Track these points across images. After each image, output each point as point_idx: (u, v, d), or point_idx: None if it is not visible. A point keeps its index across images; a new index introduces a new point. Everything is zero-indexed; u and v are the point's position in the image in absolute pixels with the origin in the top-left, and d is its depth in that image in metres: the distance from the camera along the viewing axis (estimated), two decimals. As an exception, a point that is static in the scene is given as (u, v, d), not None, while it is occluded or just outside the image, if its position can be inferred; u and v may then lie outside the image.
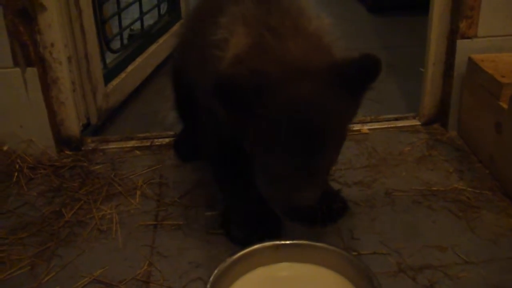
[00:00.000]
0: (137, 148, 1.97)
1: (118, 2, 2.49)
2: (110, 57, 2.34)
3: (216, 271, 1.24)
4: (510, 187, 1.63)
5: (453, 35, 1.89)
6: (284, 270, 1.32)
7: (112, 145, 1.99)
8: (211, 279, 1.22)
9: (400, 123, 2.07)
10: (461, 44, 1.87)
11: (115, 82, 2.24)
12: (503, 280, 1.33)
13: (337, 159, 1.32)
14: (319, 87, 1.20)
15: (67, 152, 1.93)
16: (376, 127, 2.05)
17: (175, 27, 2.76)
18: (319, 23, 1.35)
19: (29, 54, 1.77)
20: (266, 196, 1.32)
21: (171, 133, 2.01)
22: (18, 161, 1.85)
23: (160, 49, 2.61)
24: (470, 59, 1.85)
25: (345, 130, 1.30)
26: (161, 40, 2.65)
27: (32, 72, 1.79)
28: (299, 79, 1.19)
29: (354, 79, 1.21)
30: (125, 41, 2.52)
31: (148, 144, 1.99)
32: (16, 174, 1.80)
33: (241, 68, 1.23)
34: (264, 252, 1.32)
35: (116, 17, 2.45)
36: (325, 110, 1.20)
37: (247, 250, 1.31)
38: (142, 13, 2.61)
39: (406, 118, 2.10)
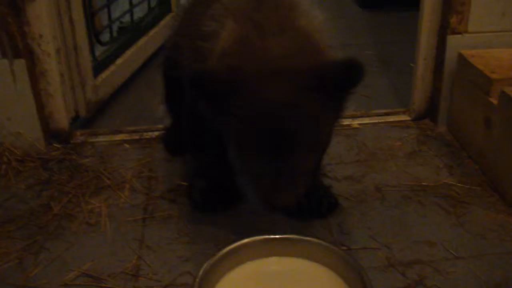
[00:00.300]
0: (126, 141, 1.96)
1: (107, -5, 2.47)
2: (99, 50, 2.32)
3: (205, 265, 1.23)
4: (499, 183, 1.64)
5: (443, 31, 1.89)
6: (274, 264, 1.31)
7: (101, 138, 1.98)
8: (200, 273, 1.21)
9: (390, 118, 2.07)
10: (451, 39, 1.87)
11: (104, 74, 2.22)
12: (492, 275, 1.34)
13: (317, 162, 1.32)
14: (295, 89, 1.19)
15: (56, 145, 1.92)
16: (366, 122, 2.05)
17: (165, 20, 2.75)
18: (310, 20, 1.34)
19: (17, 45, 1.75)
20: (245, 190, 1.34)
21: (161, 126, 2.00)
22: (6, 153, 1.83)
23: (150, 42, 2.60)
24: (460, 54, 1.85)
25: (324, 134, 1.29)
26: (151, 33, 2.64)
27: (20, 64, 1.77)
28: (275, 79, 1.19)
29: (334, 83, 1.20)
30: (115, 34, 2.50)
31: (138, 137, 1.98)
32: (3, 166, 1.79)
33: (221, 63, 1.24)
34: (253, 246, 1.31)
35: (106, 10, 2.43)
36: (299, 112, 1.19)
37: (237, 244, 1.30)
38: (132, 6, 2.60)
39: (396, 113, 2.10)
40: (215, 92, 1.20)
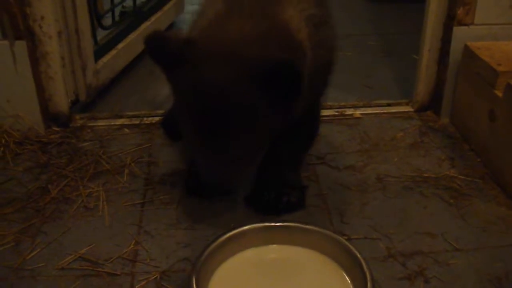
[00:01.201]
0: (126, 126, 1.94)
1: (110, -22, 2.45)
2: (101, 34, 2.30)
3: (203, 252, 1.22)
4: (501, 176, 1.62)
5: (449, 22, 1.87)
6: (273, 252, 1.31)
7: (101, 123, 1.96)
8: (198, 259, 1.20)
9: (393, 109, 2.05)
10: (457, 31, 1.85)
11: (105, 59, 2.20)
12: (492, 267, 1.33)
13: (253, 151, 1.33)
14: (235, 75, 1.20)
15: (55, 128, 1.90)
16: (368, 112, 2.03)
17: (168, 6, 2.73)
18: (296, 12, 1.32)
19: (18, 26, 1.73)
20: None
21: (161, 111, 1.98)
22: (5, 136, 1.82)
23: (152, 27, 2.57)
24: (466, 46, 1.83)
25: (256, 127, 1.27)
26: (153, 18, 2.61)
27: (21, 46, 1.75)
28: (220, 61, 1.21)
29: (269, 80, 1.19)
30: (117, 18, 2.48)
31: (138, 122, 1.96)
32: (1, 149, 1.77)
33: (180, 34, 1.32)
34: (253, 233, 1.30)
35: (108, -7, 2.41)
36: (231, 98, 1.20)
37: (236, 231, 1.29)
38: (134, -10, 2.57)
39: (399, 104, 2.08)
40: (162, 59, 1.26)
